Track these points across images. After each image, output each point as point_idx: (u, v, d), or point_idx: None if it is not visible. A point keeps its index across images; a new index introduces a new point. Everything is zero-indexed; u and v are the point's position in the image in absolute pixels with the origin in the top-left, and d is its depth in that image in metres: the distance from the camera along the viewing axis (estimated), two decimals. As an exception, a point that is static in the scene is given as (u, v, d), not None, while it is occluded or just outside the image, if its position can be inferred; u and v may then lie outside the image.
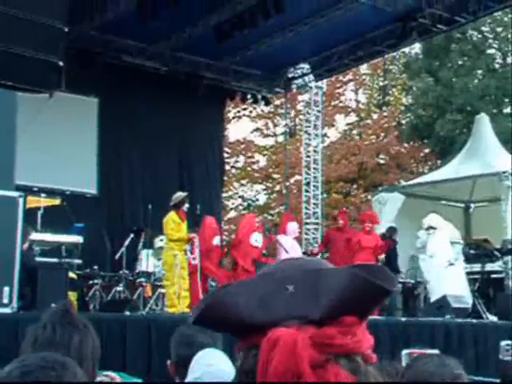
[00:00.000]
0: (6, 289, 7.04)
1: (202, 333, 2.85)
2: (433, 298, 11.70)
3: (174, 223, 9.77)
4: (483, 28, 25.66)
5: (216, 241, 11.22)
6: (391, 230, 13.02)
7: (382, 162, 27.88)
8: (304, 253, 13.87)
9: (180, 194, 10.11)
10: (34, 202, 10.89)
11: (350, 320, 0.94)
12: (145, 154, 15.48)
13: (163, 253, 10.18)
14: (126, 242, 11.41)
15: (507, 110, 26.15)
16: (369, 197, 23.74)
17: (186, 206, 10.05)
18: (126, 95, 15.04)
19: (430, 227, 12.28)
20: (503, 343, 3.90)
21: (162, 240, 11.02)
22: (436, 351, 5.41)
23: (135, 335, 7.48)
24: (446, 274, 11.91)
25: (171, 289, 9.69)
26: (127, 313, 8.64)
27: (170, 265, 9.72)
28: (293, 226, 11.99)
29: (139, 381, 6.17)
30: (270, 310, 0.95)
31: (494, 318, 10.87)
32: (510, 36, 25.80)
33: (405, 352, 4.87)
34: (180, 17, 13.26)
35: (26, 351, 1.94)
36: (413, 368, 2.44)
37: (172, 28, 14.15)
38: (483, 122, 16.46)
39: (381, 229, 14.73)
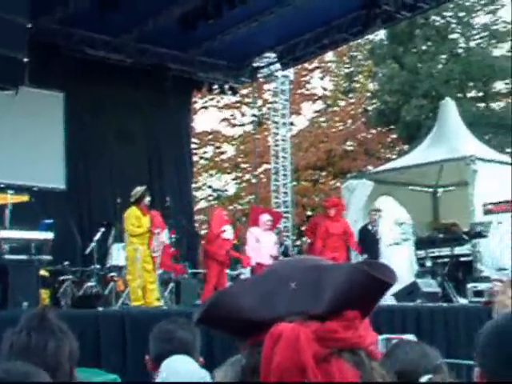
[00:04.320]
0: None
1: (181, 328, 2.85)
2: None
3: (134, 218, 9.75)
4: (446, 13, 25.86)
5: (226, 233, 11.29)
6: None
7: (349, 148, 28.00)
8: (280, 243, 13.90)
9: (139, 189, 10.07)
10: (1, 199, 10.76)
11: (352, 314, 0.96)
12: (112, 147, 15.37)
13: (126, 247, 10.15)
14: (96, 237, 11.34)
15: (471, 94, 26.44)
16: (338, 184, 23.85)
17: (147, 199, 10.03)
18: (92, 89, 14.90)
19: (377, 210, 12.39)
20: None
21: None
22: (412, 337, 5.47)
23: (109, 331, 7.45)
24: (391, 255, 11.98)
25: (134, 283, 9.70)
26: (100, 308, 8.60)
27: (132, 259, 9.72)
28: (265, 218, 12.03)
29: (114, 376, 6.17)
30: (273, 307, 0.96)
31: (464, 301, 11.02)
32: (472, 21, 26.06)
33: (382, 337, 4.89)
34: (143, 8, 13.18)
35: (2, 356, 1.93)
36: (393, 357, 2.45)
37: (136, 19, 14.05)
38: (448, 107, 16.60)
39: (352, 215, 14.85)
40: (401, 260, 11.90)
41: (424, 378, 2.25)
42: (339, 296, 0.95)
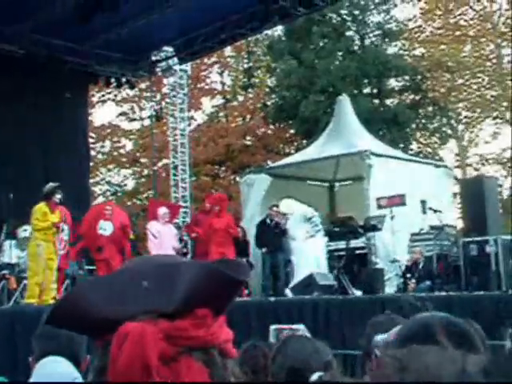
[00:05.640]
0: None
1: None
2: (297, 278, 11.88)
3: (40, 213, 9.62)
4: (342, 11, 26.35)
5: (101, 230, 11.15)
6: None
7: (249, 143, 28.17)
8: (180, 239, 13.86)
9: (51, 185, 9.99)
10: None
11: (203, 312, 0.95)
12: (5, 142, 14.85)
13: (28, 243, 9.96)
14: (-13, 234, 10.96)
15: (367, 91, 27.06)
16: (237, 178, 23.95)
17: (58, 196, 9.89)
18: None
19: (284, 214, 12.58)
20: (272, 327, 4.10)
21: (25, 230, 10.72)
22: (301, 326, 5.52)
23: (-1, 330, 7.20)
24: (308, 248, 12.13)
25: (33, 279, 9.54)
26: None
27: (33, 255, 9.54)
28: (162, 211, 12.00)
29: (1, 378, 5.96)
30: (125, 306, 0.95)
31: (358, 293, 11.25)
32: (366, 19, 26.67)
33: (273, 327, 4.93)
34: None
35: None
36: (284, 353, 2.44)
37: (29, 9, 13.61)
38: (344, 103, 16.90)
39: (250, 209, 14.94)
40: (319, 250, 12.05)
41: (314, 376, 2.26)
42: (190, 294, 0.95)
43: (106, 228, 11.16)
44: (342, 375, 2.28)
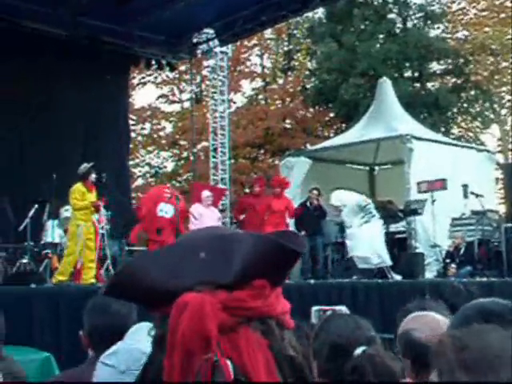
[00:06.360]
0: None
1: (115, 301, 2.78)
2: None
3: (78, 193, 9.72)
4: (383, -7, 26.10)
5: (162, 212, 11.19)
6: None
7: (288, 126, 28.09)
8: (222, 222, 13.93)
9: (86, 165, 10.04)
10: None
11: (261, 283, 0.96)
12: (46, 123, 15.01)
13: (69, 222, 10.08)
14: (31, 213, 11.12)
15: (408, 74, 26.77)
16: (276, 161, 23.91)
17: (93, 176, 9.99)
18: (24, 62, 14.49)
19: (338, 207, 12.52)
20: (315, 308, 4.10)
21: (67, 210, 10.83)
22: (344, 308, 5.51)
23: (42, 308, 7.31)
24: (357, 236, 12.08)
25: (68, 258, 9.65)
26: (33, 285, 8.43)
27: (73, 234, 9.65)
28: (205, 194, 12.07)
29: (47, 354, 6.06)
30: (182, 277, 0.95)
31: (398, 277, 11.19)
32: (409, 1, 26.33)
33: (315, 309, 4.93)
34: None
35: None
36: (326, 329, 2.44)
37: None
38: (385, 86, 16.77)
39: (290, 192, 14.93)
40: (376, 234, 11.99)
41: (358, 350, 2.26)
42: (248, 265, 0.95)
43: (167, 210, 11.14)
44: (384, 351, 2.27)
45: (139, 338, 2.35)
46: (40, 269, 10.55)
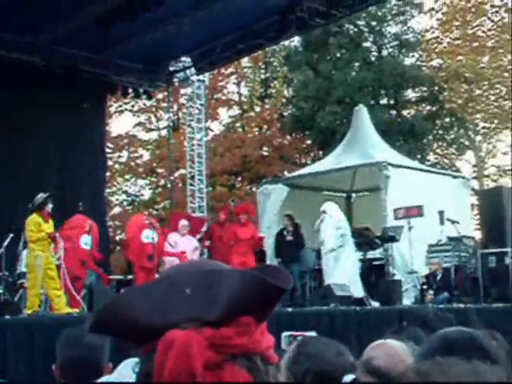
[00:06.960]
0: None
1: (89, 333, 2.74)
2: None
3: (34, 224, 9.56)
4: (359, 22, 26.36)
5: (147, 238, 11.15)
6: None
7: (265, 153, 28.17)
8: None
9: (42, 195, 9.87)
10: None
11: (246, 320, 0.95)
12: (21, 151, 14.91)
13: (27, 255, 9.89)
14: (6, 243, 11.00)
15: (384, 102, 27.02)
16: (253, 189, 23.94)
17: (50, 206, 9.84)
18: (0, 91, 14.45)
19: (323, 211, 12.48)
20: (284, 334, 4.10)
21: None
22: (313, 333, 5.48)
23: (17, 339, 7.21)
24: (331, 262, 12.07)
25: (32, 290, 9.49)
26: (7, 316, 8.31)
27: (32, 266, 9.51)
28: (182, 223, 12.10)
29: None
30: (168, 314, 0.95)
31: (376, 304, 11.18)
32: (384, 30, 26.66)
33: (284, 334, 4.90)
34: (56, 8, 12.87)
35: None
36: (305, 354, 2.41)
37: (48, 20, 13.71)
38: (361, 114, 16.89)
39: (267, 220, 14.93)
40: (351, 264, 12.02)
41: (348, 378, 2.25)
42: (234, 302, 0.95)
43: (152, 237, 11.14)
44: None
45: (125, 373, 2.34)
46: (15, 299, 10.42)
